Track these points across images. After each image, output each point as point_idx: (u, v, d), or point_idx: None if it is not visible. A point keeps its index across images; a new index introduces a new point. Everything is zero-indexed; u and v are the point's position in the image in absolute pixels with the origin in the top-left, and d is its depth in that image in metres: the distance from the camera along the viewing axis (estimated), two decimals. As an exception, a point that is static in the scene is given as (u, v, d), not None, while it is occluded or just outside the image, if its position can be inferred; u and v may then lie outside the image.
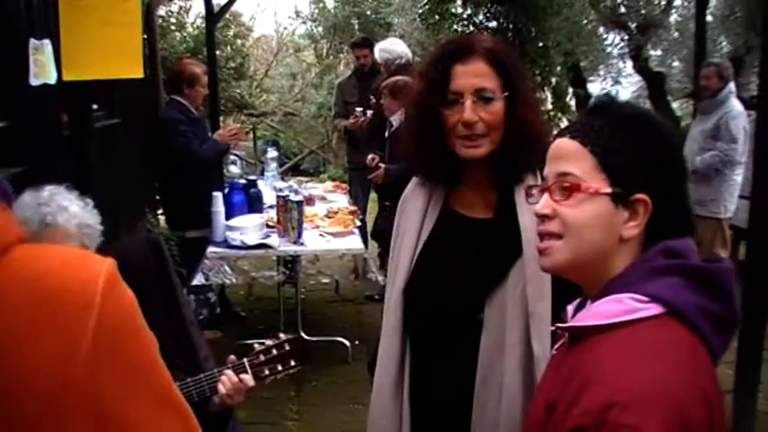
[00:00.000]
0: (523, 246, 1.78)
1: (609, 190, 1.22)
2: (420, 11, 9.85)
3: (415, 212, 1.97)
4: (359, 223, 5.49)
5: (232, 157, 6.72)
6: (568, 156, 1.27)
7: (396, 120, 5.40)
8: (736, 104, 6.20)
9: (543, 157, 1.37)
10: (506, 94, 1.79)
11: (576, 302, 1.38)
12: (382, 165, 5.48)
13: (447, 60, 1.83)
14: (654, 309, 1.16)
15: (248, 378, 2.21)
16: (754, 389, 3.84)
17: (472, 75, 1.79)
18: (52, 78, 3.24)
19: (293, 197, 4.79)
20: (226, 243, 4.77)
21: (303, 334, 5.26)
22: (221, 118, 8.30)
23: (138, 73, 3.46)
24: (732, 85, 6.25)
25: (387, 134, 5.68)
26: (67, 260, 1.13)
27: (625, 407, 1.06)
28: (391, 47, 6.59)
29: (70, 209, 2.13)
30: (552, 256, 1.27)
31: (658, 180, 1.23)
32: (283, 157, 11.91)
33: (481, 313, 1.81)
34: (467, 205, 1.93)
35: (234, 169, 6.92)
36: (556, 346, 1.36)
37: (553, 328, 1.36)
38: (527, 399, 1.71)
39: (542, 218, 1.28)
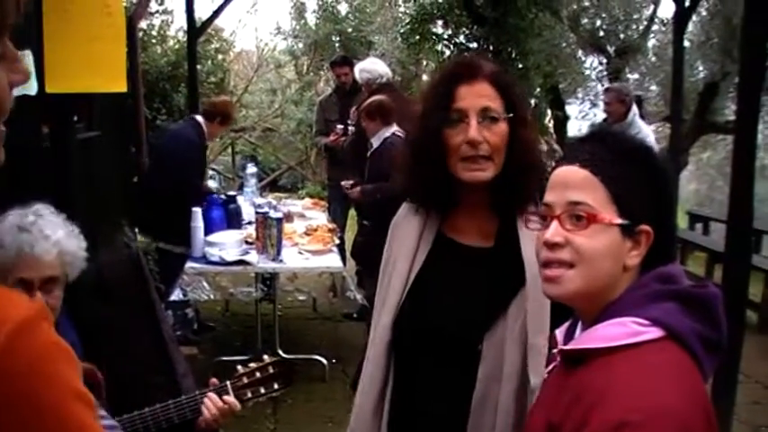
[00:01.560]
0: (527, 278, 1.73)
1: (620, 221, 1.25)
2: (401, 30, 9.89)
3: (407, 239, 1.91)
4: (338, 241, 5.48)
5: (210, 173, 6.73)
6: (580, 185, 1.27)
7: (376, 140, 5.42)
8: (643, 126, 6.53)
9: (542, 183, 1.38)
10: (510, 116, 1.77)
11: (563, 328, 1.40)
12: (351, 186, 5.52)
13: (451, 81, 1.80)
14: (655, 332, 1.20)
15: (232, 401, 2.19)
16: (729, 411, 3.86)
17: (477, 95, 1.76)
18: (33, 89, 3.21)
19: (273, 214, 4.79)
20: (204, 259, 4.75)
21: (280, 351, 5.24)
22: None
23: (122, 87, 3.45)
24: (635, 108, 6.53)
25: (368, 153, 5.70)
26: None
27: (637, 426, 1.10)
28: (372, 66, 6.61)
29: (52, 238, 2.08)
30: (563, 284, 1.28)
31: (658, 211, 1.28)
32: (261, 173, 11.89)
33: (480, 345, 1.76)
34: (463, 233, 1.88)
35: (212, 184, 6.92)
36: (548, 369, 1.38)
37: (554, 351, 1.37)
38: (519, 424, 1.70)
39: (552, 246, 1.28)
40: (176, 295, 4.65)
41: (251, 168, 6.70)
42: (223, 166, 14.33)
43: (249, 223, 5.40)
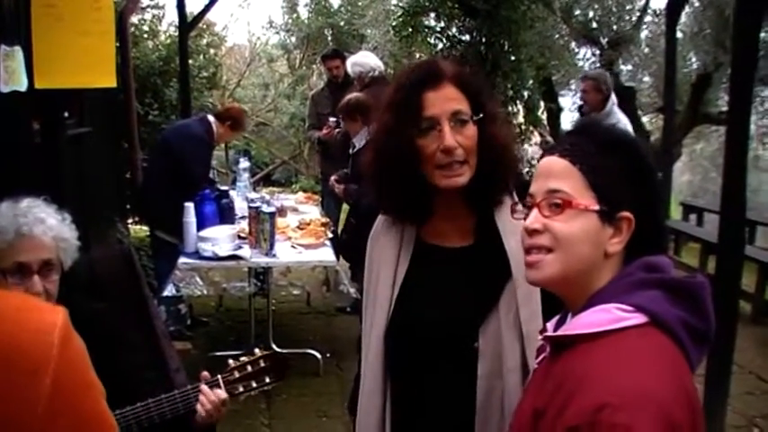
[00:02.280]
0: (513, 269, 1.74)
1: (597, 207, 1.28)
2: (393, 23, 9.87)
3: (387, 252, 1.89)
4: (330, 235, 5.48)
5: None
6: (559, 174, 1.32)
7: (358, 140, 5.46)
8: (621, 116, 6.46)
9: (517, 176, 1.42)
10: (479, 116, 1.75)
11: (554, 319, 1.42)
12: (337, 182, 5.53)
13: (416, 89, 1.76)
14: (638, 318, 1.22)
15: (221, 392, 2.19)
16: (723, 402, 3.88)
17: (445, 100, 1.73)
18: (23, 85, 3.20)
19: (265, 208, 4.77)
20: (197, 254, 4.73)
21: (274, 346, 5.24)
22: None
23: (111, 82, 3.44)
24: (614, 97, 6.45)
25: (350, 153, 5.73)
26: (14, 313, 1.06)
27: (617, 407, 1.11)
28: (363, 60, 6.61)
29: (47, 221, 2.10)
30: (542, 269, 1.31)
31: (639, 199, 1.30)
32: (255, 168, 11.87)
33: (476, 342, 1.75)
34: (442, 236, 1.87)
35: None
36: (538, 360, 1.40)
37: (540, 338, 1.39)
38: None
39: (532, 233, 1.32)
40: (169, 291, 4.63)
41: (243, 163, 6.67)
42: (216, 160, 14.30)
43: (242, 218, 5.39)
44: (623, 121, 6.31)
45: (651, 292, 1.25)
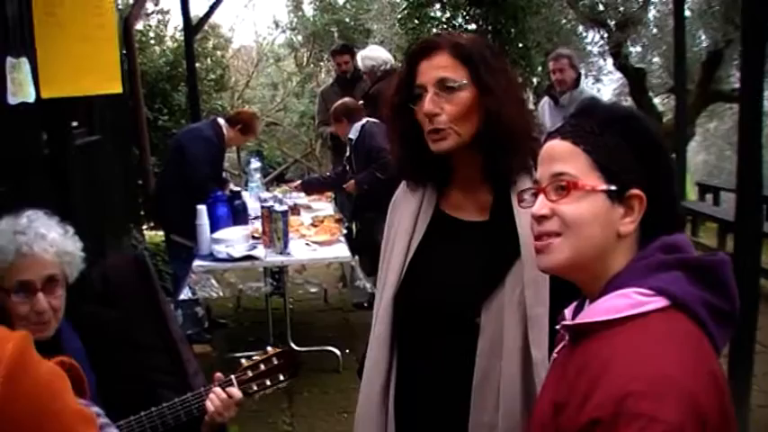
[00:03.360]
0: (522, 248, 1.73)
1: (604, 187, 1.24)
2: (399, 16, 9.84)
3: (406, 216, 1.91)
4: (345, 231, 5.47)
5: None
6: (562, 156, 1.28)
7: (353, 134, 5.69)
8: (590, 92, 6.40)
9: (535, 158, 1.37)
10: (474, 84, 1.73)
11: (572, 305, 1.38)
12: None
13: (413, 59, 1.80)
14: (659, 302, 1.18)
15: (236, 391, 2.18)
16: (747, 381, 3.83)
17: (435, 68, 1.74)
18: (30, 97, 3.20)
19: (278, 207, 4.75)
20: (212, 256, 4.73)
21: (293, 344, 5.23)
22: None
23: (117, 88, 3.42)
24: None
25: (348, 150, 5.87)
26: None
27: (640, 396, 1.07)
28: (375, 54, 6.62)
29: (48, 236, 2.07)
30: (552, 254, 1.28)
31: (649, 176, 1.26)
32: (267, 168, 11.88)
33: (478, 317, 1.75)
34: (459, 208, 1.87)
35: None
36: (557, 349, 1.36)
37: (558, 326, 1.35)
38: (526, 405, 1.69)
39: (540, 219, 1.29)
40: (185, 294, 4.63)
41: (255, 163, 6.67)
42: (228, 162, 14.32)
43: (256, 218, 5.38)
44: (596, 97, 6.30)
45: (671, 274, 1.21)
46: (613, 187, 1.24)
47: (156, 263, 7.51)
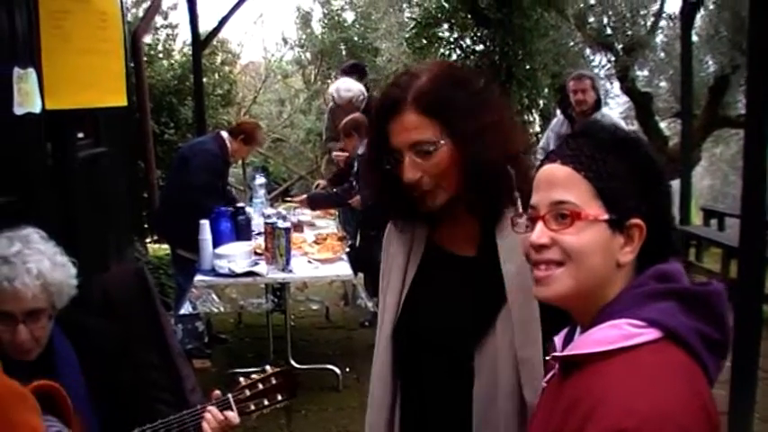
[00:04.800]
0: (508, 296, 1.67)
1: (606, 217, 1.21)
2: (407, 35, 9.87)
3: (399, 252, 1.87)
4: (348, 249, 5.45)
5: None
6: (563, 183, 1.24)
7: (361, 149, 5.66)
8: (608, 113, 6.42)
9: (524, 184, 1.38)
10: (449, 137, 1.64)
11: (562, 334, 1.36)
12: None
13: (382, 118, 1.70)
14: (652, 333, 1.15)
15: (233, 415, 2.16)
16: (749, 410, 3.80)
17: (405, 130, 1.65)
18: (37, 107, 3.20)
19: (281, 224, 4.75)
20: (213, 271, 4.72)
21: (293, 362, 5.21)
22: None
23: (121, 101, 3.43)
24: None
25: (355, 165, 5.87)
26: None
27: (635, 431, 1.05)
28: (350, 86, 6.79)
29: (34, 270, 2.01)
30: (553, 285, 1.24)
31: (649, 203, 1.23)
32: (273, 183, 11.88)
33: (472, 361, 1.70)
34: (451, 241, 1.82)
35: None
36: (546, 378, 1.33)
37: (548, 357, 1.32)
38: None
39: (539, 248, 1.25)
40: (185, 309, 4.61)
41: (259, 179, 6.67)
42: (234, 177, 14.32)
43: (259, 234, 5.38)
44: (615, 118, 6.33)
45: (664, 304, 1.18)
46: (615, 216, 1.22)
47: (158, 276, 7.51)
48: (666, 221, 1.28)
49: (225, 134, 5.79)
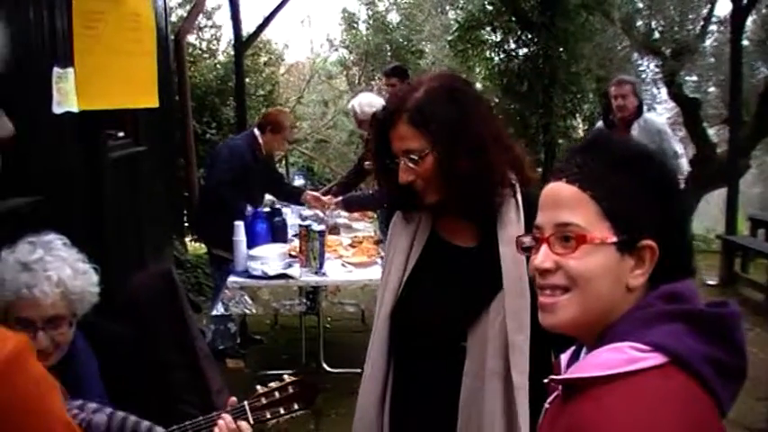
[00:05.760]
0: (503, 279, 1.84)
1: (615, 239, 1.13)
2: (449, 38, 9.82)
3: (403, 239, 2.03)
4: (383, 253, 5.41)
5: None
6: (568, 203, 1.16)
7: None
8: (655, 118, 6.27)
9: (517, 165, 1.73)
10: (434, 149, 1.82)
11: (569, 352, 1.29)
12: None
13: (384, 127, 1.91)
14: (656, 358, 1.07)
15: (245, 426, 2.13)
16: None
17: (400, 139, 1.86)
18: (75, 106, 3.23)
19: (315, 227, 4.73)
20: (246, 273, 4.72)
21: (325, 365, 5.20)
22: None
23: (153, 102, 3.44)
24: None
25: None
26: None
27: None
28: (373, 101, 6.66)
29: (54, 278, 2.01)
30: (558, 313, 1.17)
31: (663, 222, 1.15)
32: (318, 184, 11.91)
33: (464, 341, 1.87)
34: (452, 233, 1.99)
35: (267, 195, 6.91)
36: (549, 399, 1.25)
37: (546, 380, 1.24)
38: (508, 426, 1.80)
39: (543, 272, 1.17)
40: (218, 310, 4.62)
41: (298, 181, 6.68)
42: (277, 178, 14.40)
43: (295, 236, 5.36)
44: (659, 123, 6.15)
45: (671, 326, 1.09)
46: (624, 238, 1.13)
47: (197, 275, 7.57)
48: (683, 241, 1.19)
49: (255, 131, 5.78)
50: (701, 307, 1.13)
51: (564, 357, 1.30)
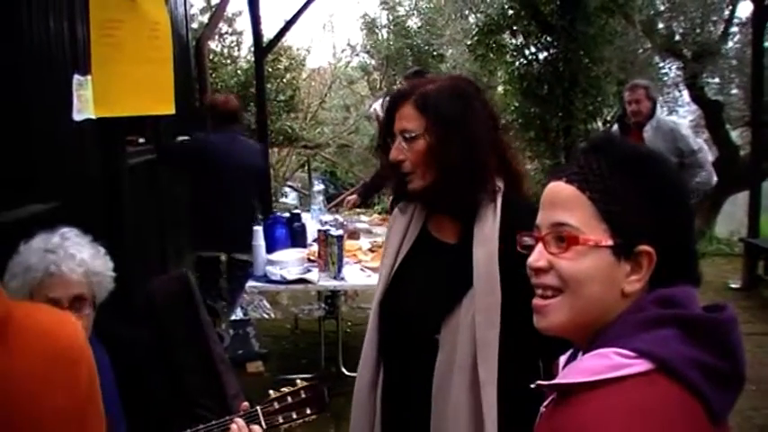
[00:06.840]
0: (474, 279, 1.91)
1: (610, 242, 1.11)
2: (469, 42, 9.82)
3: (397, 232, 2.13)
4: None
5: (287, 189, 6.76)
6: (565, 203, 1.15)
7: None
8: (667, 118, 6.17)
9: (510, 177, 1.82)
10: (429, 134, 1.92)
11: (567, 354, 1.28)
12: None
13: (391, 108, 2.02)
14: (641, 365, 1.04)
15: (257, 430, 2.15)
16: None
17: (401, 118, 1.97)
18: (93, 114, 3.27)
19: (333, 231, 4.74)
20: (265, 277, 4.74)
21: (344, 369, 5.21)
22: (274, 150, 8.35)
23: (169, 109, 3.47)
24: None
25: None
26: (56, 319, 1.36)
27: None
28: None
29: (77, 257, 2.11)
30: (548, 315, 1.16)
31: (663, 229, 1.12)
32: (341, 189, 11.95)
33: (438, 335, 1.94)
34: (439, 229, 2.08)
35: (290, 200, 6.94)
36: (545, 403, 1.24)
37: (533, 386, 1.21)
38: (473, 419, 1.87)
39: (537, 271, 1.17)
40: (236, 314, 4.66)
41: (317, 186, 6.69)
42: (300, 183, 14.47)
43: (315, 241, 5.38)
44: (674, 122, 6.11)
45: (661, 332, 1.06)
46: (620, 242, 1.11)
47: (217, 280, 7.60)
48: (685, 247, 1.16)
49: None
50: (694, 311, 1.11)
51: (562, 359, 1.29)
